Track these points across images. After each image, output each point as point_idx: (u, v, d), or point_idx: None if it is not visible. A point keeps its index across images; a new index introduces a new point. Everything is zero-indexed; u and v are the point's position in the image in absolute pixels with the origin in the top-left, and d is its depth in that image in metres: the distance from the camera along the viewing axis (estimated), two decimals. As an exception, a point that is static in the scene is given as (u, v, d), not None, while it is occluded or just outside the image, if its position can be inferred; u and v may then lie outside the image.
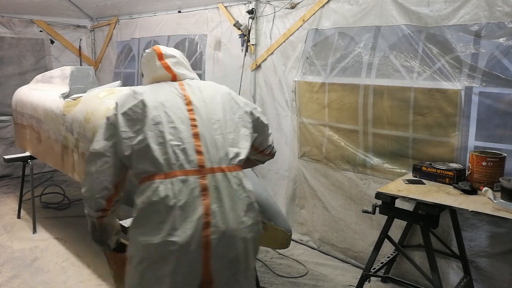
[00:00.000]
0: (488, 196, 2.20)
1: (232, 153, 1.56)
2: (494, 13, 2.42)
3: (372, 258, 2.50)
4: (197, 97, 1.64)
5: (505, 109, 2.44)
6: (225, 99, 1.70)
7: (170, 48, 1.83)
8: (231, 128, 1.62)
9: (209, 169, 1.49)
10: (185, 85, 1.70)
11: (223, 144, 1.56)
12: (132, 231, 1.51)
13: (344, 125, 3.22)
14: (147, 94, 1.61)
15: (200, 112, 1.59)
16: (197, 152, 1.50)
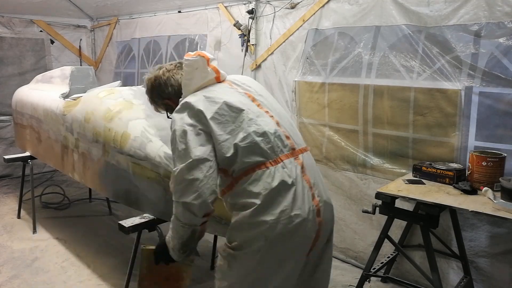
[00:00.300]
0: (488, 196, 2.20)
1: (301, 136, 1.83)
2: (494, 13, 2.42)
3: (372, 258, 2.50)
4: (252, 92, 1.80)
5: (505, 109, 2.44)
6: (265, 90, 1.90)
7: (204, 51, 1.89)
8: (286, 114, 1.85)
9: (298, 150, 1.71)
10: (233, 84, 1.82)
11: (293, 129, 1.80)
12: (255, 218, 1.58)
13: (344, 125, 3.22)
14: (221, 96, 1.71)
15: (266, 105, 1.77)
16: (286, 137, 1.71)
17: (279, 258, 1.61)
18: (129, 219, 2.41)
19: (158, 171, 2.29)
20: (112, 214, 4.25)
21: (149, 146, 2.36)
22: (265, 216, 1.56)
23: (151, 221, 2.41)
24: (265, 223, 1.56)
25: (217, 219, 2.12)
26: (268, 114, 1.73)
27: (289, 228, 1.57)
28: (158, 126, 2.51)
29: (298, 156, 1.69)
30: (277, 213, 1.56)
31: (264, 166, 1.61)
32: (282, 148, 1.66)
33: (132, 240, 2.64)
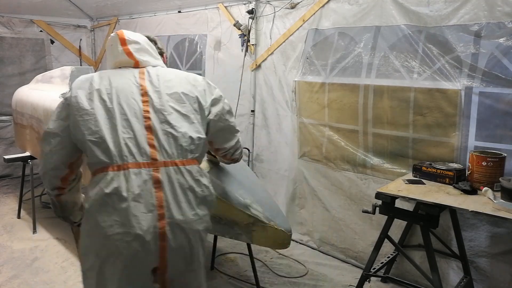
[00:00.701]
0: (488, 196, 2.20)
1: (186, 147, 1.54)
2: (494, 13, 2.42)
3: (372, 258, 2.50)
4: (154, 87, 1.62)
5: (505, 109, 2.44)
6: (186, 90, 1.65)
7: (136, 33, 1.77)
8: (186, 121, 1.59)
9: (162, 162, 1.49)
10: (145, 73, 1.66)
11: (176, 138, 1.54)
12: (85, 223, 1.51)
13: (344, 125, 3.22)
14: (105, 82, 1.60)
15: (154, 104, 1.57)
16: (149, 145, 1.50)
17: (115, 278, 1.44)
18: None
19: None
20: (112, 214, 4.25)
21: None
22: (93, 227, 1.45)
23: (151, 221, 2.40)
24: (91, 235, 1.46)
25: (217, 219, 2.12)
26: (145, 115, 1.54)
27: (118, 246, 1.40)
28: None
29: (159, 168, 1.47)
30: (104, 226, 1.41)
31: (105, 170, 1.46)
32: (136, 155, 1.47)
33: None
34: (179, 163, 1.51)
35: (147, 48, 1.74)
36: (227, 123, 1.77)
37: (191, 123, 1.60)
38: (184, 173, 1.51)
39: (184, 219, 1.48)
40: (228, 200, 2.08)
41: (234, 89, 4.15)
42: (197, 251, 1.56)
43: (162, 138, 1.52)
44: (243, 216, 2.06)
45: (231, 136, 1.82)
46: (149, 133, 1.52)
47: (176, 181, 1.49)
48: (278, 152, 3.88)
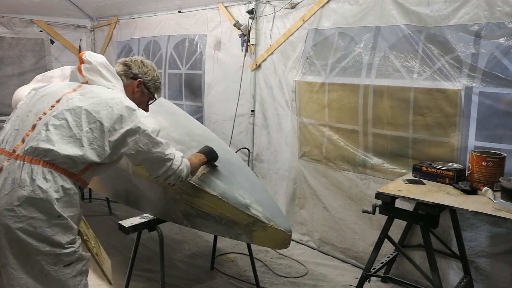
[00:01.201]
0: (488, 196, 2.20)
1: (42, 149, 1.60)
2: (494, 13, 2.42)
3: (372, 258, 2.50)
4: (68, 99, 1.73)
5: (505, 109, 2.43)
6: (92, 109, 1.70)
7: (98, 55, 1.91)
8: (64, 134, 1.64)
9: (16, 155, 1.62)
10: (81, 87, 1.82)
11: (42, 140, 1.61)
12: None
13: (344, 125, 3.22)
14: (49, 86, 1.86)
15: (54, 111, 1.69)
16: (22, 139, 1.66)
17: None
18: (129, 219, 2.41)
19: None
20: (112, 214, 4.25)
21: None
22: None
23: (151, 221, 2.41)
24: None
25: (217, 219, 2.12)
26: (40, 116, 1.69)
27: None
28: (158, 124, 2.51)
29: (10, 159, 1.62)
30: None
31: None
32: (7, 144, 1.67)
33: (132, 240, 2.64)
34: (27, 160, 1.60)
35: (99, 70, 1.86)
36: (149, 155, 1.78)
37: (70, 136, 1.65)
38: (25, 169, 1.58)
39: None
40: (228, 200, 2.08)
41: (234, 89, 4.15)
42: (4, 246, 1.56)
43: (31, 137, 1.64)
44: (243, 216, 2.06)
45: (159, 164, 1.82)
46: (31, 130, 1.67)
47: (12, 173, 1.58)
48: (278, 152, 3.88)
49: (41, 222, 1.57)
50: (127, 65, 1.99)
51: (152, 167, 1.83)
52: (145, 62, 2.04)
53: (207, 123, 4.51)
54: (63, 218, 1.62)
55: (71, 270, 1.66)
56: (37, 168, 1.59)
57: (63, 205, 1.62)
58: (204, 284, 3.00)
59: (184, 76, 4.75)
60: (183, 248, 3.56)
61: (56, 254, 1.61)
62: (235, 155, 2.63)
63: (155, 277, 3.00)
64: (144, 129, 1.74)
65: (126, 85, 1.96)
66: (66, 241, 1.63)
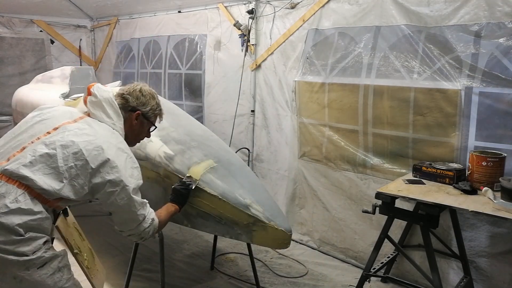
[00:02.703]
0: (488, 196, 2.20)
1: (21, 175, 1.60)
2: (494, 13, 2.42)
3: (372, 258, 2.50)
4: (64, 130, 1.73)
5: (505, 109, 2.44)
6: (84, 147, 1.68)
7: (107, 89, 1.90)
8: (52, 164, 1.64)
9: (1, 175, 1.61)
10: (81, 120, 1.82)
11: (25, 165, 1.61)
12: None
13: (344, 125, 3.22)
14: (53, 110, 1.89)
15: (47, 138, 1.69)
16: (7, 158, 1.65)
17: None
18: (129, 219, 2.40)
19: (158, 171, 2.29)
20: (112, 214, 4.25)
21: (149, 146, 2.36)
22: None
23: (151, 221, 2.40)
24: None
25: (217, 219, 2.12)
26: (34, 140, 1.69)
27: None
28: (158, 126, 2.51)
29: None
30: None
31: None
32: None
33: (132, 240, 2.63)
34: (4, 178, 1.59)
35: (103, 105, 1.85)
36: (122, 210, 1.74)
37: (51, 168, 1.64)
38: (0, 187, 1.58)
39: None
40: (228, 200, 2.08)
41: (234, 89, 4.15)
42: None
43: (16, 158, 1.64)
44: (243, 216, 2.06)
45: (128, 222, 1.78)
46: (19, 151, 1.67)
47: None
48: (278, 152, 3.88)
49: (3, 237, 1.55)
50: (125, 98, 1.93)
51: (120, 221, 1.79)
52: (144, 91, 1.98)
53: (207, 123, 4.51)
54: (25, 237, 1.59)
55: (47, 270, 1.64)
56: (11, 188, 1.58)
57: (27, 227, 1.59)
58: (204, 284, 3.00)
59: (184, 76, 4.75)
60: (183, 248, 3.56)
61: (25, 261, 1.58)
62: (235, 155, 2.63)
63: (155, 277, 3.00)
64: (126, 185, 1.70)
65: (125, 118, 1.92)
66: (30, 251, 1.60)
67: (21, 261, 1.57)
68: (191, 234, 3.79)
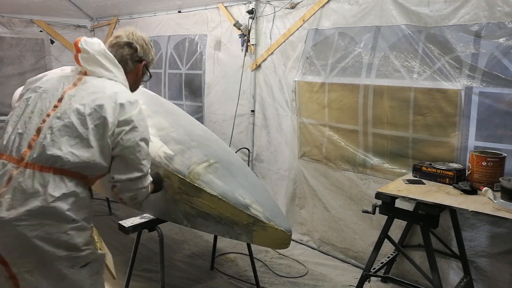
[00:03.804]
0: (488, 196, 2.20)
1: (51, 156, 1.56)
2: (494, 13, 2.42)
3: (372, 258, 2.50)
4: (70, 97, 1.65)
5: (505, 109, 2.44)
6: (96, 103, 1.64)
7: (95, 41, 1.80)
8: (70, 135, 1.59)
9: (25, 163, 1.56)
10: (83, 79, 1.72)
11: (49, 145, 1.57)
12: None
13: (344, 125, 3.22)
14: (44, 80, 1.74)
15: (57, 112, 1.63)
16: (29, 144, 1.59)
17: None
18: (129, 219, 2.41)
19: (158, 171, 2.29)
20: (112, 214, 4.25)
21: (149, 146, 2.36)
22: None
23: (151, 221, 2.41)
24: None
25: (217, 219, 2.12)
26: (45, 118, 1.62)
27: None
28: (158, 126, 2.51)
29: (20, 167, 1.56)
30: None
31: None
32: (13, 150, 1.59)
33: (132, 240, 2.64)
34: (37, 168, 1.55)
35: (97, 59, 1.75)
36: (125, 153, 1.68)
37: (75, 137, 1.60)
38: (36, 178, 1.54)
39: (7, 218, 1.50)
40: (228, 200, 2.08)
41: (234, 89, 4.16)
42: (21, 254, 1.55)
43: (39, 142, 1.58)
44: (243, 216, 2.06)
45: (129, 168, 1.70)
46: (36, 134, 1.60)
47: (23, 183, 1.53)
48: (278, 152, 3.88)
49: (56, 228, 1.56)
50: (133, 47, 1.84)
51: (120, 166, 1.70)
52: (146, 39, 1.89)
53: (207, 123, 4.51)
54: (77, 221, 1.60)
55: (88, 270, 1.66)
56: (47, 176, 1.56)
57: (76, 209, 1.60)
58: (204, 284, 3.00)
59: (184, 76, 4.75)
60: (183, 248, 3.56)
61: (73, 257, 1.61)
62: (235, 155, 2.63)
63: (155, 277, 3.00)
64: (135, 126, 1.67)
65: (131, 69, 1.85)
66: (82, 243, 1.62)
67: (70, 258, 1.59)
68: (191, 234, 3.79)
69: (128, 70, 1.84)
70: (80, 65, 1.75)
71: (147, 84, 5.15)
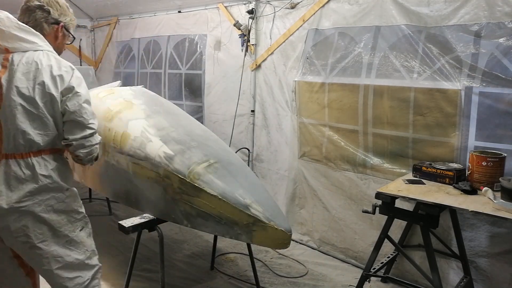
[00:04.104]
0: (488, 196, 2.20)
1: (26, 141, 1.70)
2: (494, 13, 2.42)
3: (372, 258, 2.50)
4: (9, 78, 1.69)
5: (505, 109, 2.43)
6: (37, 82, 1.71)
7: (2, 17, 1.81)
8: (32, 116, 1.71)
9: (4, 154, 1.71)
10: (9, 59, 1.72)
11: (17, 133, 1.69)
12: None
13: (344, 125, 3.22)
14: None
15: (5, 101, 1.68)
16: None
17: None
18: (129, 219, 2.41)
19: (158, 171, 2.29)
20: (112, 214, 4.25)
21: (149, 146, 2.36)
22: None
23: (151, 221, 2.40)
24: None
25: (217, 219, 2.12)
26: None
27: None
28: (158, 126, 2.51)
29: (1, 160, 1.71)
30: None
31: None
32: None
33: (132, 240, 2.64)
34: (18, 156, 1.71)
35: (15, 34, 1.74)
36: (74, 117, 1.79)
37: (34, 119, 1.71)
38: (21, 165, 1.71)
39: (8, 207, 1.69)
40: (228, 200, 2.08)
41: (234, 89, 4.16)
42: (33, 228, 1.76)
43: (5, 133, 1.70)
44: (243, 216, 2.06)
45: (80, 128, 1.82)
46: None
47: (12, 172, 1.70)
48: (278, 152, 3.88)
49: (55, 199, 1.81)
50: (46, 10, 1.86)
51: (71, 128, 1.81)
52: (59, 1, 1.92)
53: (207, 123, 4.51)
54: (69, 189, 1.87)
55: (85, 233, 1.97)
56: (30, 160, 1.73)
57: (64, 178, 1.84)
58: (204, 284, 3.00)
59: (184, 76, 4.75)
60: (183, 248, 3.56)
61: (73, 222, 1.90)
62: (235, 155, 2.63)
63: (155, 277, 3.00)
64: (77, 91, 1.79)
65: (48, 33, 1.85)
66: (77, 205, 1.93)
67: (71, 221, 1.88)
68: (191, 234, 3.79)
69: (45, 33, 1.86)
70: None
71: (147, 84, 5.16)
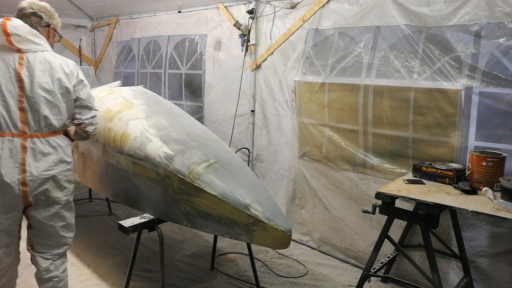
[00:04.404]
0: (488, 196, 2.20)
1: (47, 125, 2.15)
2: (494, 13, 2.42)
3: (372, 258, 2.50)
4: (28, 74, 2.10)
5: (505, 109, 2.44)
6: (55, 78, 2.16)
7: (18, 23, 2.16)
8: (49, 106, 2.14)
9: (29, 134, 2.12)
10: (24, 59, 2.12)
11: (41, 118, 2.13)
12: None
13: (344, 125, 3.22)
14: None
15: (26, 90, 2.10)
16: (21, 121, 2.10)
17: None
18: (129, 219, 2.41)
19: (158, 171, 2.29)
20: (112, 214, 4.25)
21: (149, 146, 2.36)
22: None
23: (151, 221, 2.41)
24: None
25: (217, 219, 2.12)
26: (20, 98, 2.09)
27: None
28: (158, 126, 2.51)
29: (27, 138, 2.11)
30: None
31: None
32: (11, 128, 2.08)
33: (132, 240, 2.64)
34: (40, 136, 2.14)
35: (29, 38, 2.14)
36: (84, 103, 2.30)
37: (53, 107, 2.16)
38: (43, 143, 2.15)
39: (39, 174, 2.13)
40: (228, 200, 2.08)
41: (234, 89, 4.16)
42: (54, 194, 2.20)
43: (30, 117, 2.11)
44: (243, 216, 2.06)
45: (88, 111, 2.32)
46: (22, 112, 2.10)
47: (38, 148, 2.13)
48: (278, 152, 3.88)
49: (68, 171, 2.27)
50: (38, 15, 2.26)
51: (84, 111, 2.30)
52: (47, 6, 2.36)
53: (207, 123, 4.51)
54: (72, 162, 2.32)
55: (71, 212, 2.35)
56: (49, 139, 2.18)
57: (70, 152, 2.30)
58: (204, 284, 3.00)
59: (184, 76, 4.75)
60: (183, 248, 3.56)
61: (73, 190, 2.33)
62: (235, 155, 2.63)
63: (155, 277, 3.00)
64: (85, 83, 2.30)
65: (42, 34, 2.24)
66: (74, 179, 2.36)
67: (69, 194, 2.30)
68: (191, 234, 3.79)
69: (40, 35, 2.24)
70: (14, 46, 2.10)
71: (147, 84, 5.16)
